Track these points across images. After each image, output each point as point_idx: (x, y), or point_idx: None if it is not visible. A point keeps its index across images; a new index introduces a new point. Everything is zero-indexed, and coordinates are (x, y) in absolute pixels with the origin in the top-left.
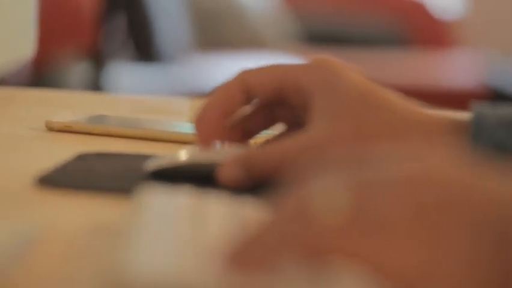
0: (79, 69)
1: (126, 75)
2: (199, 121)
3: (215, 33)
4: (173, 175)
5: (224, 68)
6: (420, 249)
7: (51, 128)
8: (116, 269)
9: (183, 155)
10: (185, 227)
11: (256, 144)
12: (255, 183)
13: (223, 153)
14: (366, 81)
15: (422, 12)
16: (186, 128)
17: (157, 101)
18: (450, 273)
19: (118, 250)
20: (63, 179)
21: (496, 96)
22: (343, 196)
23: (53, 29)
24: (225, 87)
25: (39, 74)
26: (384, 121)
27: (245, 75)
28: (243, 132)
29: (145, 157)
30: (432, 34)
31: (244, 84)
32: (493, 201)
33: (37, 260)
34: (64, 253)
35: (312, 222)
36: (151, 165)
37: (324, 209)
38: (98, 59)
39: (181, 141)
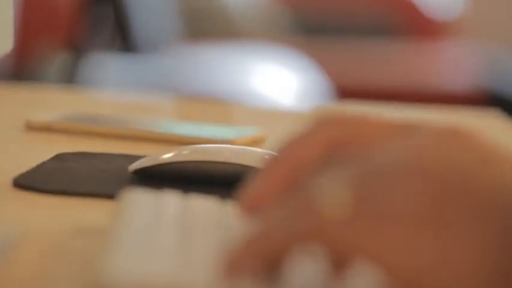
0: (59, 61)
1: (108, 67)
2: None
3: (201, 25)
4: (156, 175)
5: (210, 59)
6: (428, 241)
7: (31, 127)
8: (96, 272)
9: (167, 154)
10: (169, 232)
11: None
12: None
13: (214, 152)
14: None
15: (413, 5)
16: (170, 127)
17: (141, 99)
18: (459, 266)
19: (99, 253)
20: (40, 180)
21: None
22: (348, 188)
23: (32, 21)
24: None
25: (20, 67)
26: None
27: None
28: None
29: (125, 157)
30: (424, 28)
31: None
32: (504, 193)
33: (18, 261)
34: (44, 255)
35: (318, 216)
36: (134, 164)
37: (330, 202)
38: (79, 50)
39: (165, 141)
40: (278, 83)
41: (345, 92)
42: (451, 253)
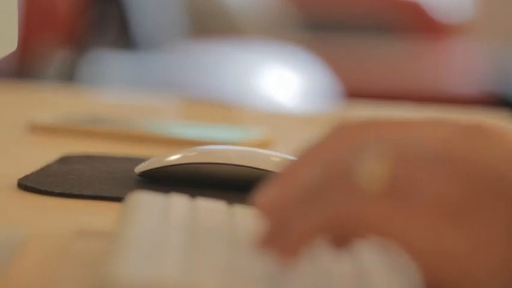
0: (61, 59)
1: (110, 65)
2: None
3: (205, 22)
4: (162, 177)
5: (214, 57)
6: (457, 229)
7: (34, 129)
8: (103, 275)
9: (173, 156)
10: (176, 235)
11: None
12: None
13: (219, 154)
14: None
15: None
16: (175, 128)
17: (145, 99)
18: (486, 257)
19: (105, 256)
20: (44, 182)
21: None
22: (384, 162)
23: (34, 18)
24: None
25: (22, 65)
26: None
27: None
28: None
29: (131, 159)
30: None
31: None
32: None
33: (23, 264)
34: (49, 257)
35: (350, 183)
36: (140, 166)
37: (366, 175)
38: (81, 48)
39: (170, 143)
40: (283, 82)
41: (352, 92)
42: (480, 244)
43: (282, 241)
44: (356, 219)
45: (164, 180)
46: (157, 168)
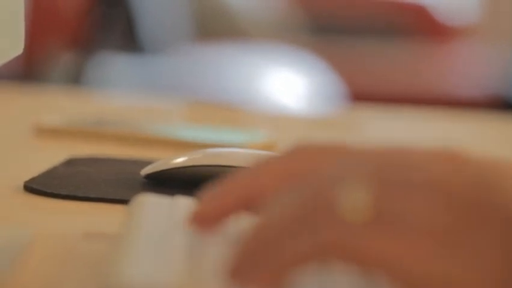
0: (67, 62)
1: (116, 67)
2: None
3: (210, 25)
4: (168, 179)
5: (219, 60)
6: (449, 252)
7: (40, 131)
8: (107, 277)
9: (179, 158)
10: (181, 238)
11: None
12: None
13: (225, 156)
14: None
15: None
16: (181, 131)
17: (151, 102)
18: (478, 277)
19: (110, 258)
20: (50, 185)
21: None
22: (368, 190)
23: (39, 21)
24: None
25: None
26: None
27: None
28: None
29: (136, 161)
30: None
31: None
32: None
33: (28, 266)
34: (54, 259)
35: (334, 213)
36: (146, 168)
37: (349, 205)
38: (87, 50)
39: (176, 145)
40: (288, 84)
41: (357, 94)
42: (472, 265)
43: (262, 270)
44: (344, 250)
45: (170, 182)
46: (163, 170)
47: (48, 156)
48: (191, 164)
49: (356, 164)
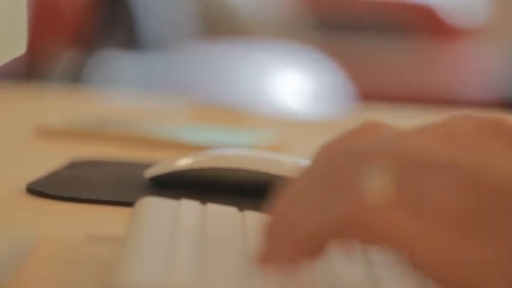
0: (69, 60)
1: (118, 65)
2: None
3: (214, 22)
4: (173, 182)
5: (223, 58)
6: (467, 240)
7: (43, 133)
8: (112, 281)
9: (184, 160)
10: (187, 241)
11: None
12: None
13: (230, 159)
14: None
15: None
16: (186, 132)
17: (155, 103)
18: (500, 271)
19: (114, 261)
20: (53, 187)
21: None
22: (392, 171)
23: (41, 19)
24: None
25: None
26: None
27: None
28: None
29: (140, 164)
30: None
31: None
32: None
33: (31, 269)
34: (57, 262)
35: (357, 190)
36: (150, 171)
37: (372, 185)
38: (89, 48)
39: (181, 147)
40: (294, 84)
41: (364, 94)
42: (488, 263)
43: (286, 245)
44: (364, 226)
45: (175, 185)
46: (167, 173)
47: (51, 158)
48: (196, 166)
49: (384, 142)
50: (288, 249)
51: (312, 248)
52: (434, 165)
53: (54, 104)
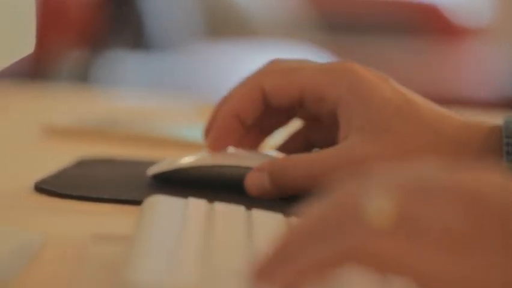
0: (75, 59)
1: (124, 65)
2: (210, 128)
3: (220, 22)
4: (177, 180)
5: (228, 58)
6: (465, 262)
7: (50, 131)
8: (120, 279)
9: (187, 158)
10: (194, 240)
11: (282, 154)
12: (281, 195)
13: (232, 157)
14: (396, 92)
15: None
16: (192, 131)
17: (161, 102)
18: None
19: (122, 260)
20: (61, 185)
21: None
22: (392, 198)
23: (48, 18)
24: (240, 93)
25: (37, 65)
26: (420, 135)
27: (262, 79)
28: (256, 134)
29: (147, 163)
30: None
31: (260, 90)
32: None
33: (39, 268)
34: (65, 260)
35: (359, 220)
36: (153, 168)
37: (372, 208)
38: (96, 48)
39: (187, 145)
40: None
41: None
42: (486, 283)
43: (285, 273)
44: (365, 254)
45: (180, 183)
46: (171, 170)
47: (58, 157)
48: (199, 164)
49: (384, 177)
50: (291, 274)
51: (314, 277)
52: (433, 191)
53: (62, 103)
